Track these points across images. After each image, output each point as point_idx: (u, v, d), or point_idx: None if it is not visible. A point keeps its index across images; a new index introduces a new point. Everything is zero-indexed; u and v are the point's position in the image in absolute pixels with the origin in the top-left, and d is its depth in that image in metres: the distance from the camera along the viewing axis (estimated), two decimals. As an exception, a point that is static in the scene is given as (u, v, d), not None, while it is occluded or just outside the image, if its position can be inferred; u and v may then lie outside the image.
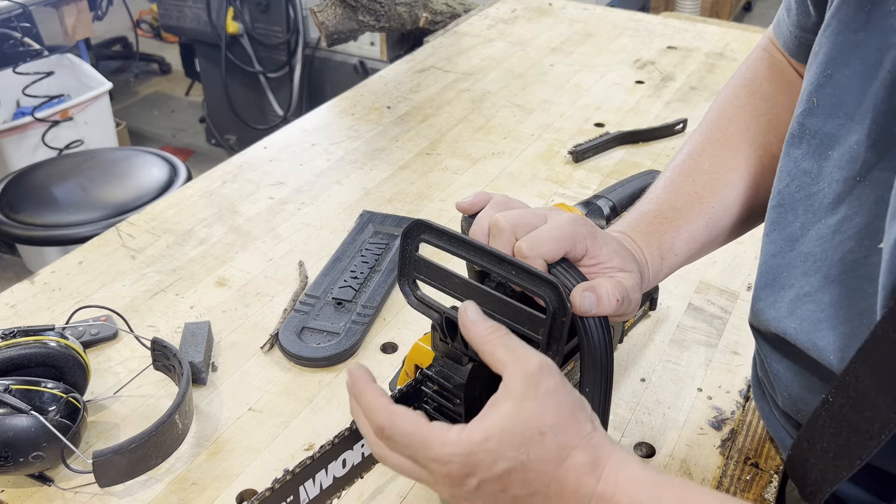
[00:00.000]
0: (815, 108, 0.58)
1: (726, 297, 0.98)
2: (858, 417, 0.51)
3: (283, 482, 0.59)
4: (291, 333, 0.90)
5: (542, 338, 0.56)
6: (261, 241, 1.09)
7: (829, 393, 0.54)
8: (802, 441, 0.57)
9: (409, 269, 0.64)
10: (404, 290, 0.65)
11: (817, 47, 0.59)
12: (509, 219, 0.58)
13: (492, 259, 0.59)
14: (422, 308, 0.65)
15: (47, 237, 1.73)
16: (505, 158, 1.31)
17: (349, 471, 0.65)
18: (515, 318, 0.58)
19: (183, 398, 0.75)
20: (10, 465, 0.69)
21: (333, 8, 1.80)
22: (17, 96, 2.51)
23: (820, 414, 0.55)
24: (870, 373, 0.50)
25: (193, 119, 3.69)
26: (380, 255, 1.04)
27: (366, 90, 1.56)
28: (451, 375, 0.65)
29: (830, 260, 0.56)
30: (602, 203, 0.73)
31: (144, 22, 4.28)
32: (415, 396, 0.68)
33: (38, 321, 0.93)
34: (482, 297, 0.60)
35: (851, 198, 0.55)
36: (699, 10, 4.15)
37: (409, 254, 0.64)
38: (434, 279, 0.63)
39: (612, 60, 1.68)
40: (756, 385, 0.75)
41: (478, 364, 0.65)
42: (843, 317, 0.55)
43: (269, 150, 1.33)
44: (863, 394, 0.51)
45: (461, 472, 0.48)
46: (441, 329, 0.65)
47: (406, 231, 0.63)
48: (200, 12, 2.92)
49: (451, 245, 0.61)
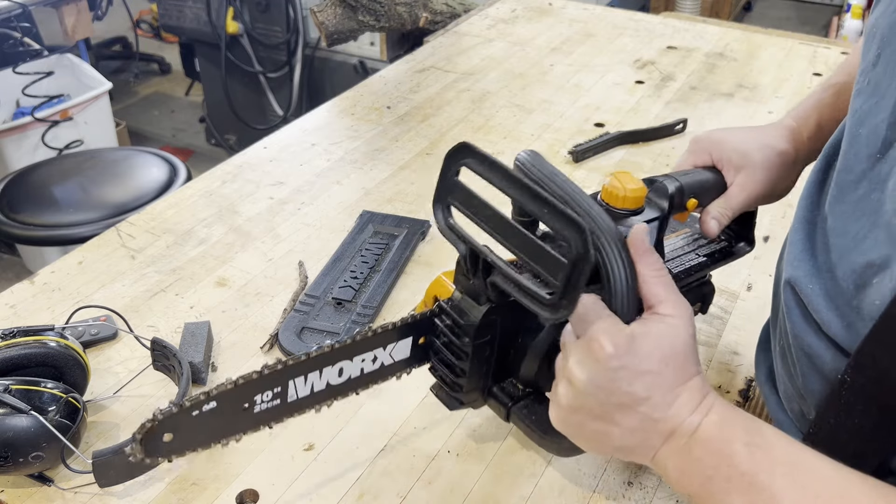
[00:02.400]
0: (864, 88, 0.59)
1: (726, 297, 0.98)
2: (885, 396, 0.52)
3: (272, 369, 0.58)
4: (291, 333, 0.90)
5: (560, 283, 0.53)
6: (261, 241, 1.09)
7: (844, 372, 0.54)
8: (826, 418, 0.57)
9: (446, 192, 0.62)
10: (437, 214, 0.63)
11: (874, 29, 0.59)
12: None
13: (526, 193, 0.56)
14: (450, 236, 0.63)
15: (47, 237, 1.73)
16: (505, 158, 1.30)
17: (345, 382, 0.64)
18: (537, 258, 0.56)
19: (183, 398, 0.75)
20: (10, 465, 0.69)
21: (333, 8, 1.80)
22: (17, 96, 2.51)
23: (840, 392, 0.55)
24: (885, 352, 0.51)
25: (193, 119, 3.69)
26: (380, 255, 1.04)
27: (366, 90, 1.56)
28: (465, 312, 0.64)
29: (848, 234, 0.57)
30: (668, 182, 0.71)
31: (144, 22, 4.28)
32: (427, 327, 0.67)
33: (38, 321, 0.93)
34: (509, 231, 0.58)
35: (872, 174, 0.55)
36: (699, 10, 4.15)
37: (449, 177, 0.62)
38: (467, 206, 0.61)
39: (612, 60, 1.68)
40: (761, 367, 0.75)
41: (495, 306, 0.64)
42: (850, 293, 0.56)
43: (269, 150, 1.33)
44: (883, 373, 0.51)
45: (613, 352, 0.53)
46: (465, 262, 0.63)
47: (450, 153, 0.61)
48: (200, 12, 2.92)
49: (490, 172, 0.59)
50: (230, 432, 0.59)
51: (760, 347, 0.79)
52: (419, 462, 0.76)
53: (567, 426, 0.59)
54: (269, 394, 0.59)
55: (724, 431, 0.53)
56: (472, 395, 0.69)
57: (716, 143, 0.76)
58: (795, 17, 4.90)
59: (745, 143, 0.75)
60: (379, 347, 0.64)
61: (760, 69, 1.65)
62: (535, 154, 0.62)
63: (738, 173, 0.75)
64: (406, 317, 0.65)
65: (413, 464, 0.75)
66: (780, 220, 0.80)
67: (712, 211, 0.74)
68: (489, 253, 0.61)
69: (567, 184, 0.59)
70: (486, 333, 0.64)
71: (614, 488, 0.73)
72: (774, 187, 0.76)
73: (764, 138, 0.76)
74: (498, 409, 0.70)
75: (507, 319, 0.65)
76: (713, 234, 0.74)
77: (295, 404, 0.61)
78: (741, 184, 0.74)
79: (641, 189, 0.66)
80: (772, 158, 0.75)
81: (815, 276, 0.60)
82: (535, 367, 0.67)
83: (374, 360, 0.65)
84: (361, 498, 0.72)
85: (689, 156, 0.78)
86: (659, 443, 0.55)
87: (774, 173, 0.75)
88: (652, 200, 0.69)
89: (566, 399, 0.57)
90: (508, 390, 0.70)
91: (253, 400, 0.59)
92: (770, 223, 1.11)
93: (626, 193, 0.65)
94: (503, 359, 0.68)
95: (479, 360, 0.66)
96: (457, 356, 0.66)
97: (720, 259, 0.82)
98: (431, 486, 0.73)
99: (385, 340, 0.65)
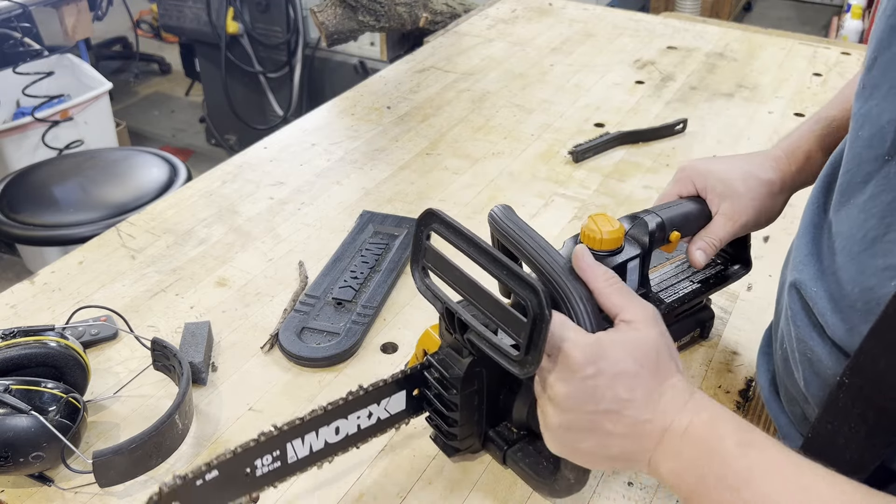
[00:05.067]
0: (860, 92, 0.59)
1: (726, 297, 0.98)
2: (882, 398, 0.52)
3: (269, 436, 0.59)
4: (291, 333, 0.90)
5: (523, 341, 0.57)
6: (261, 241, 1.09)
7: (843, 374, 0.54)
8: (825, 423, 0.57)
9: (420, 256, 0.66)
10: (414, 275, 0.67)
11: (872, 33, 0.60)
12: None
13: (486, 257, 0.60)
14: (428, 295, 0.67)
15: (47, 237, 1.73)
16: (505, 158, 1.31)
17: (343, 439, 0.65)
18: (501, 317, 0.59)
19: (183, 398, 0.75)
20: (10, 465, 0.69)
21: (333, 8, 1.80)
22: (17, 96, 2.51)
23: (838, 396, 0.55)
24: (884, 353, 0.51)
25: (193, 119, 3.69)
26: (380, 255, 1.04)
27: (366, 90, 1.56)
28: (450, 366, 0.68)
29: (854, 237, 0.57)
30: (649, 218, 0.73)
31: (144, 22, 4.28)
32: (419, 380, 0.70)
33: (38, 321, 0.93)
34: (476, 292, 0.62)
35: (880, 176, 0.55)
36: (699, 10, 4.15)
37: (421, 241, 0.66)
38: (439, 268, 0.65)
39: (612, 60, 1.68)
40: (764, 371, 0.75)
41: (477, 359, 0.67)
42: (855, 295, 0.55)
43: (269, 150, 1.33)
44: (881, 375, 0.51)
45: (585, 360, 0.54)
46: (444, 320, 0.67)
47: (419, 218, 0.65)
48: (200, 12, 2.92)
49: (453, 237, 0.63)
50: (235, 496, 0.60)
51: (762, 351, 0.79)
52: (419, 462, 0.76)
53: (563, 447, 0.59)
54: (268, 458, 0.60)
55: (715, 430, 0.53)
56: (467, 441, 0.72)
57: (700, 173, 0.78)
58: (795, 17, 4.90)
59: (729, 173, 0.77)
60: (373, 403, 0.66)
61: (760, 69, 1.65)
62: (507, 208, 0.66)
63: (722, 202, 0.76)
64: (397, 372, 0.68)
65: (413, 464, 0.75)
66: (781, 219, 0.80)
67: (698, 242, 0.76)
68: (463, 312, 0.64)
69: (533, 238, 0.63)
70: (472, 384, 0.68)
71: (614, 488, 0.73)
72: (759, 216, 0.77)
73: (749, 167, 0.78)
74: (495, 453, 0.73)
75: (492, 367, 0.68)
76: (699, 265, 0.76)
77: (296, 464, 0.63)
78: (726, 213, 0.76)
79: (618, 230, 0.68)
80: (756, 188, 0.76)
81: (820, 279, 0.60)
82: (526, 410, 0.70)
83: (370, 416, 0.66)
84: (361, 498, 0.72)
85: (674, 185, 0.80)
86: (652, 445, 0.55)
87: (759, 202, 0.76)
88: (632, 238, 0.72)
89: (555, 419, 0.57)
90: (504, 434, 0.73)
91: (254, 465, 0.60)
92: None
93: (602, 237, 0.68)
94: (494, 404, 0.71)
95: (469, 409, 0.69)
96: (447, 407, 0.69)
97: (715, 284, 0.84)
98: (431, 485, 0.73)
99: (378, 396, 0.66)
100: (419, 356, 0.72)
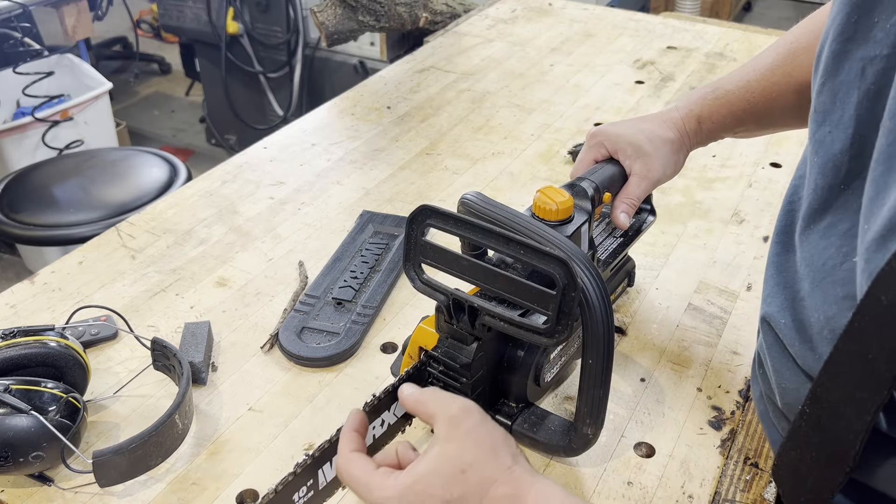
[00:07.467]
0: (813, 115, 0.59)
1: (726, 297, 0.98)
2: (836, 428, 0.51)
3: (303, 465, 0.60)
4: (291, 333, 0.90)
5: (552, 313, 0.58)
6: (261, 241, 1.09)
7: (804, 404, 0.54)
8: (788, 450, 0.57)
9: (415, 253, 0.66)
10: (409, 274, 0.67)
11: (818, 56, 0.59)
12: None
13: (499, 240, 0.60)
14: (428, 291, 0.67)
15: (47, 237, 1.72)
16: (505, 158, 1.31)
17: None
18: (525, 295, 0.60)
19: (183, 398, 0.75)
20: (10, 465, 0.69)
21: (333, 8, 1.80)
22: (17, 96, 2.50)
23: (800, 424, 0.55)
24: (836, 386, 0.50)
25: (193, 119, 3.69)
26: (380, 255, 1.04)
27: (366, 90, 1.56)
28: (456, 355, 0.68)
29: (815, 265, 0.56)
30: (586, 185, 0.79)
31: (144, 22, 4.28)
32: (420, 377, 0.70)
33: (38, 321, 0.93)
34: (490, 276, 0.62)
35: (837, 204, 0.55)
36: (699, 10, 4.15)
37: (415, 239, 0.65)
38: (441, 262, 0.65)
39: (612, 60, 1.68)
40: (756, 385, 0.75)
41: (483, 342, 0.67)
42: (821, 323, 0.55)
43: (269, 150, 1.33)
44: (834, 406, 0.51)
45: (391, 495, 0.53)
46: (447, 311, 0.67)
47: (412, 216, 0.64)
48: (200, 12, 2.92)
49: (457, 228, 0.63)
50: None
51: (754, 366, 0.79)
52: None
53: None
54: (303, 489, 0.61)
55: None
56: None
57: (610, 137, 0.85)
58: (795, 17, 4.90)
59: (637, 136, 0.84)
60: (385, 411, 0.67)
61: (760, 69, 1.65)
62: (480, 194, 0.68)
63: (633, 163, 0.83)
64: (403, 374, 0.69)
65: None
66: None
67: (619, 205, 0.83)
68: (474, 298, 0.65)
69: (520, 218, 0.65)
70: (479, 369, 0.69)
71: (614, 488, 0.73)
72: (665, 171, 0.85)
73: (653, 128, 0.85)
74: None
75: (489, 352, 0.70)
76: (625, 226, 0.83)
77: (326, 489, 0.63)
78: (639, 173, 0.83)
79: (568, 200, 0.72)
80: (661, 147, 0.84)
81: (788, 308, 0.60)
82: (525, 384, 0.72)
83: (383, 423, 0.68)
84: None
85: (588, 151, 0.87)
86: None
87: (665, 160, 0.85)
88: (577, 205, 0.75)
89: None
90: (504, 411, 0.74)
91: (292, 500, 0.60)
92: (769, 223, 1.11)
93: (557, 207, 0.71)
94: (493, 384, 0.73)
95: (476, 393, 0.70)
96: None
97: (633, 236, 0.91)
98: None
99: (389, 402, 0.67)
100: (414, 355, 0.72)
